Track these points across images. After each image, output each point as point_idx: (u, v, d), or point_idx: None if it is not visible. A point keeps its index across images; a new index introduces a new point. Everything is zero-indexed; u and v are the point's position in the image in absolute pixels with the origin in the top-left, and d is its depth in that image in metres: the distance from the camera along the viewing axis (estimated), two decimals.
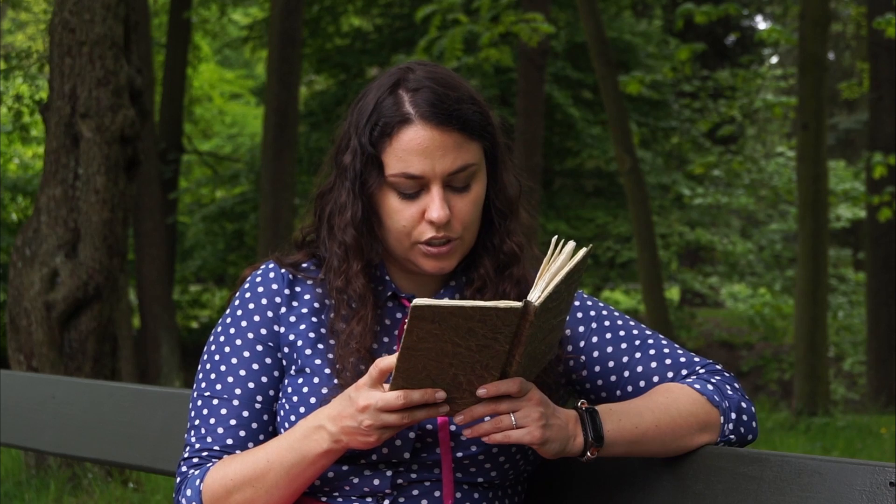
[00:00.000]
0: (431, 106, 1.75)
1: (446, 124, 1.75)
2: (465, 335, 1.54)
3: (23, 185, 14.38)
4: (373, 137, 1.77)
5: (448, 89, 1.78)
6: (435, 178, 1.75)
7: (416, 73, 1.79)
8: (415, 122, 1.75)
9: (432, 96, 1.76)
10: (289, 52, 12.28)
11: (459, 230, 1.79)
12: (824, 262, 10.91)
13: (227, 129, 24.19)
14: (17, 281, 5.80)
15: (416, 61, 1.84)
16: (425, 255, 1.79)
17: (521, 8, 11.26)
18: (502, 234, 1.86)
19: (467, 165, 1.77)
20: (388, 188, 1.78)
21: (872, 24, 11.77)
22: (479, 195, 1.81)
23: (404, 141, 1.75)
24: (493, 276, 1.85)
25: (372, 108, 1.78)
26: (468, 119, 1.77)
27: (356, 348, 1.78)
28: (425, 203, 1.76)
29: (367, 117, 1.78)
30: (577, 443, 1.69)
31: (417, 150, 1.75)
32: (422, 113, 1.75)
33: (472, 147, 1.78)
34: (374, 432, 1.63)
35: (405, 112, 1.75)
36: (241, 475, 1.74)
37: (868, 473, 1.63)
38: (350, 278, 1.81)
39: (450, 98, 1.77)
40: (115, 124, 5.79)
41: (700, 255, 20.95)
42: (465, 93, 1.79)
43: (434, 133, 1.75)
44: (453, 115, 1.76)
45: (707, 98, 17.78)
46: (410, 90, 1.77)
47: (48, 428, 2.80)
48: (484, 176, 1.82)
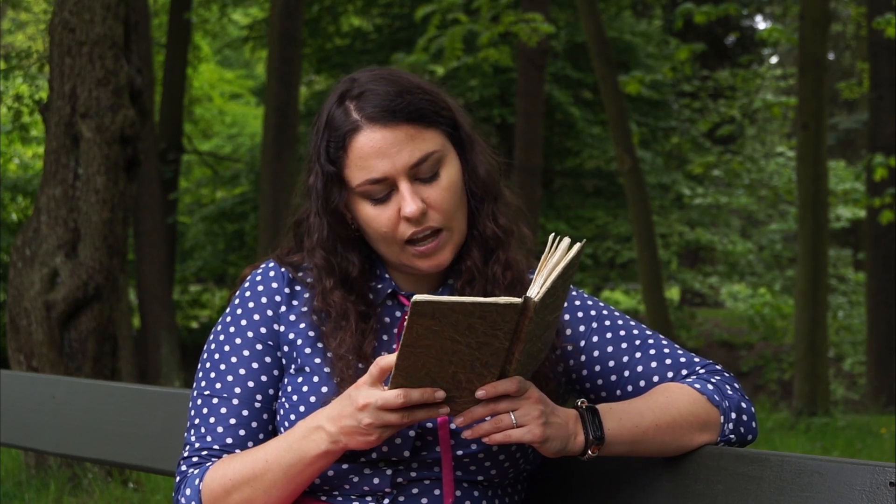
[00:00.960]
0: (375, 107, 1.76)
1: (393, 119, 1.75)
2: (464, 332, 1.54)
3: (23, 185, 14.38)
4: (330, 154, 1.78)
5: (390, 86, 1.78)
6: (399, 174, 1.76)
7: (359, 80, 1.81)
8: (363, 127, 1.76)
9: (374, 98, 1.77)
10: (289, 52, 12.28)
11: (440, 219, 1.78)
12: (824, 262, 10.90)
13: (227, 129, 24.19)
14: (17, 281, 5.80)
15: (363, 69, 1.85)
16: (416, 256, 1.79)
17: (520, 8, 11.26)
18: (483, 219, 1.84)
19: (427, 154, 1.77)
20: (358, 198, 1.79)
21: (872, 24, 11.77)
22: (452, 181, 1.79)
23: (358, 148, 1.76)
24: (481, 265, 1.84)
25: (324, 125, 1.80)
26: (416, 108, 1.77)
27: (348, 361, 1.78)
28: (398, 202, 1.77)
29: (321, 136, 1.80)
30: (578, 441, 1.69)
31: (373, 154, 1.75)
32: (367, 116, 1.76)
33: (428, 135, 1.78)
34: (374, 431, 1.63)
35: (353, 120, 1.76)
36: (240, 475, 1.74)
37: (868, 473, 1.63)
38: (325, 296, 1.82)
39: (391, 94, 1.77)
40: (115, 124, 5.79)
41: (700, 255, 20.96)
42: (409, 85, 1.79)
43: (384, 132, 1.75)
44: (398, 110, 1.76)
45: (707, 98, 17.79)
46: (354, 97, 1.78)
47: (48, 428, 2.80)
48: (454, 161, 1.81)
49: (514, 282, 1.82)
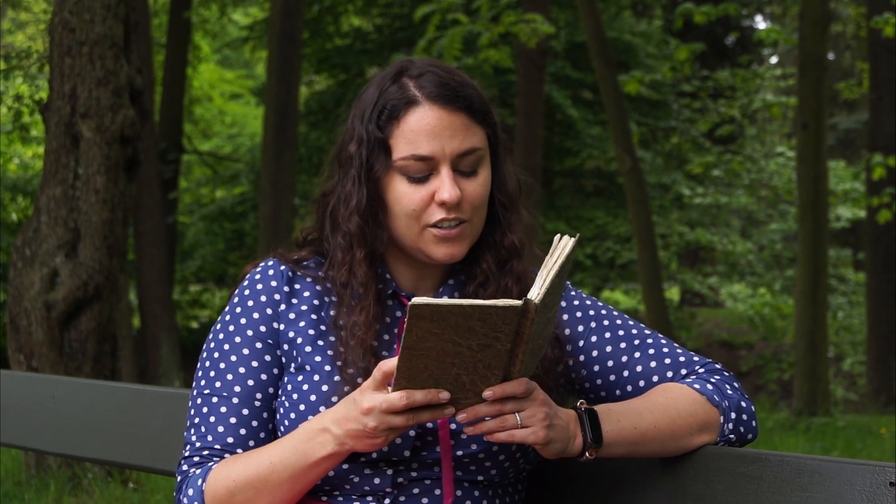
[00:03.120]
0: (438, 87, 1.77)
1: (453, 104, 1.76)
2: (465, 334, 1.54)
3: (23, 185, 14.39)
4: (380, 122, 1.77)
5: (451, 73, 1.80)
6: (444, 158, 1.76)
7: (417, 63, 1.82)
8: (422, 103, 1.76)
9: (437, 79, 1.78)
10: (289, 52, 12.28)
11: (469, 212, 1.79)
12: (824, 262, 10.90)
13: (227, 129, 24.20)
14: (17, 281, 5.79)
15: (415, 57, 1.86)
16: (436, 240, 1.78)
17: (521, 8, 11.26)
18: (503, 228, 1.86)
19: (475, 148, 1.78)
20: (395, 173, 1.78)
21: (871, 23, 11.77)
22: (486, 181, 1.81)
23: (412, 122, 1.76)
24: (496, 270, 1.85)
25: (377, 97, 1.79)
26: (473, 101, 1.79)
27: (359, 339, 1.77)
28: (435, 186, 1.77)
29: (372, 105, 1.79)
30: (577, 443, 1.69)
31: (426, 131, 1.75)
32: (428, 94, 1.76)
33: (477, 131, 1.79)
34: (379, 434, 1.63)
35: (412, 95, 1.77)
36: (243, 476, 1.74)
37: (868, 473, 1.63)
38: (353, 268, 1.81)
39: (454, 80, 1.79)
40: (115, 124, 5.79)
41: (700, 255, 20.95)
42: (466, 79, 1.81)
43: (442, 113, 1.76)
44: (459, 96, 1.77)
45: (707, 98, 17.78)
46: (414, 77, 1.79)
47: (48, 428, 2.80)
48: (489, 164, 1.83)
49: (520, 296, 1.82)
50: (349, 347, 1.78)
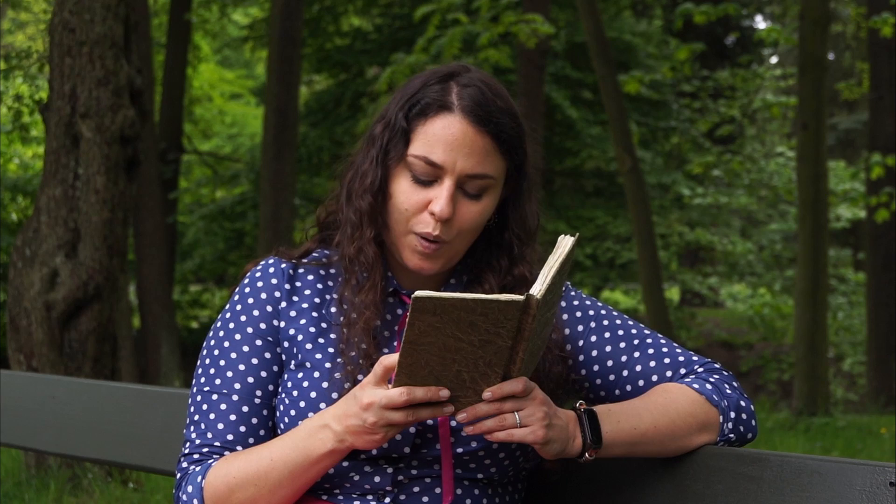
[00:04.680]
0: (475, 104, 1.76)
1: (483, 125, 1.76)
2: (466, 329, 1.54)
3: (23, 185, 14.38)
4: (409, 114, 1.78)
5: (496, 97, 1.79)
6: (452, 172, 1.76)
7: (472, 73, 1.81)
8: (455, 112, 1.76)
9: (479, 95, 1.77)
10: (289, 52, 12.28)
11: (453, 234, 1.79)
12: (824, 262, 10.90)
13: (227, 129, 24.20)
14: (17, 281, 5.79)
15: (475, 67, 1.85)
16: (413, 249, 1.79)
17: (520, 8, 11.26)
18: (516, 259, 1.86)
19: (486, 175, 1.77)
20: (404, 167, 1.78)
21: (869, 23, 11.77)
22: (487, 210, 1.81)
23: (438, 126, 1.76)
24: (498, 292, 1.84)
25: (418, 89, 1.80)
26: (504, 131, 1.78)
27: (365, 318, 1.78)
28: (433, 195, 1.77)
29: (410, 95, 1.80)
30: (577, 444, 1.70)
31: (447, 140, 1.75)
32: (464, 106, 1.76)
33: (497, 160, 1.79)
34: (379, 430, 1.63)
35: (449, 100, 1.77)
36: (243, 473, 1.74)
37: (868, 473, 1.63)
38: (362, 246, 1.82)
39: (495, 104, 1.78)
40: (115, 124, 5.79)
41: (700, 256, 20.95)
42: (509, 107, 1.80)
43: (468, 129, 1.76)
44: (492, 121, 1.76)
45: (707, 98, 17.78)
46: (461, 84, 1.78)
47: (48, 428, 2.80)
48: (497, 195, 1.82)
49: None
50: (352, 327, 1.78)
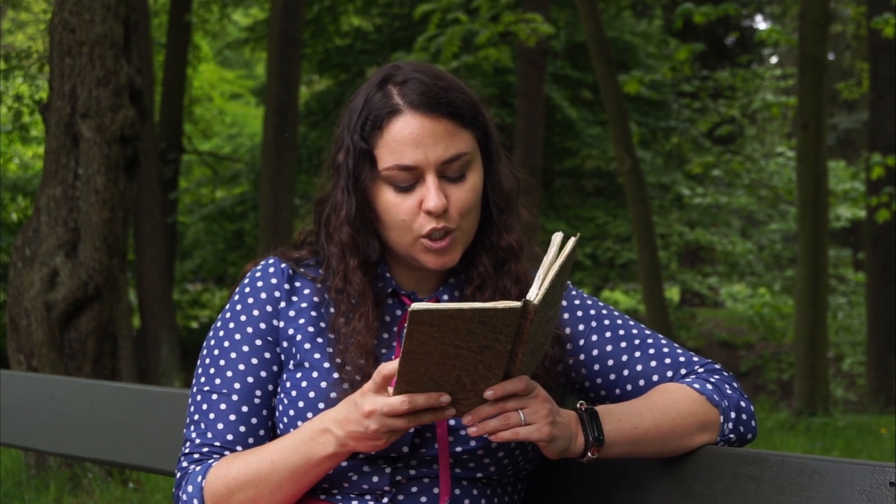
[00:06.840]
0: (420, 95, 1.76)
1: (436, 111, 1.75)
2: (465, 337, 1.54)
3: (23, 185, 14.39)
4: (364, 133, 1.77)
5: (436, 79, 1.78)
6: (428, 167, 1.75)
7: (404, 69, 1.81)
8: (404, 111, 1.75)
9: (420, 86, 1.77)
10: (289, 52, 12.27)
11: (457, 219, 1.78)
12: (824, 262, 10.90)
13: (227, 129, 24.20)
14: (17, 281, 5.79)
15: (405, 61, 1.85)
16: (427, 251, 1.78)
17: (520, 8, 11.26)
18: (500, 230, 1.85)
19: (460, 154, 1.77)
20: (382, 183, 1.78)
21: (871, 23, 11.77)
22: (476, 185, 1.80)
23: (395, 132, 1.75)
24: (493, 272, 1.85)
25: (362, 105, 1.79)
26: (458, 106, 1.77)
27: (359, 344, 1.77)
28: (421, 194, 1.76)
29: (357, 114, 1.79)
30: (579, 443, 1.69)
31: (409, 140, 1.75)
32: (410, 102, 1.75)
33: (463, 136, 1.78)
34: (381, 436, 1.63)
35: (394, 103, 1.76)
36: (243, 475, 1.74)
37: (868, 473, 1.63)
38: (348, 276, 1.81)
39: (438, 87, 1.77)
40: (115, 124, 5.79)
41: (700, 255, 20.95)
42: (452, 83, 1.80)
43: (424, 121, 1.75)
44: (442, 103, 1.76)
45: (707, 98, 17.78)
46: (398, 83, 1.78)
47: (48, 428, 2.80)
48: (480, 166, 1.82)
49: (520, 296, 1.82)
50: (348, 352, 1.78)
